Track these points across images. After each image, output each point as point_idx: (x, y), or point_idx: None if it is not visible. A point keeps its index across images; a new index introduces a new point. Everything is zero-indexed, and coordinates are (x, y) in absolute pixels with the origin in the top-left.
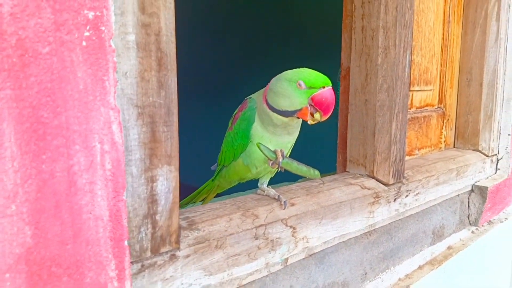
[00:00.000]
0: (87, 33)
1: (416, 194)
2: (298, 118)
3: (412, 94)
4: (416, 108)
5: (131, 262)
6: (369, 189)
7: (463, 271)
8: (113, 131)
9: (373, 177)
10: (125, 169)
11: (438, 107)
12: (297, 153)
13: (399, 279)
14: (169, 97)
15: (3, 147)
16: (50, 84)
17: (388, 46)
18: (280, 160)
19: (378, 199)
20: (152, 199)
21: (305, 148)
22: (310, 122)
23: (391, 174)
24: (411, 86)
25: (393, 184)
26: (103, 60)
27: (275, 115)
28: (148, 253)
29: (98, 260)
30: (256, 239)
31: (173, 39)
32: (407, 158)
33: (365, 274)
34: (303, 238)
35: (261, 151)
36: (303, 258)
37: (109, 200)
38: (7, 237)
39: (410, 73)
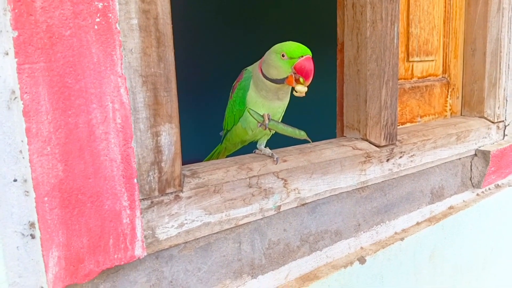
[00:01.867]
0: (98, 19)
1: (411, 155)
2: (288, 84)
3: (412, 65)
4: (418, 78)
5: (143, 199)
6: (360, 149)
7: (463, 229)
8: (121, 93)
9: (366, 140)
10: (131, 123)
11: (442, 77)
12: (306, 121)
13: (395, 233)
14: (167, 68)
15: (40, 104)
16: (72, 58)
17: (375, 20)
18: (267, 122)
19: (369, 158)
20: (158, 150)
21: (313, 115)
22: (295, 93)
23: (382, 136)
24: (410, 57)
25: (385, 146)
26: (111, 39)
27: (269, 82)
28: (156, 193)
29: (114, 192)
30: (250, 187)
31: (169, 21)
32: (408, 124)
33: (359, 225)
34: (294, 189)
35: (251, 115)
36: (296, 207)
37: (120, 146)
38: (45, 170)
39: (408, 44)
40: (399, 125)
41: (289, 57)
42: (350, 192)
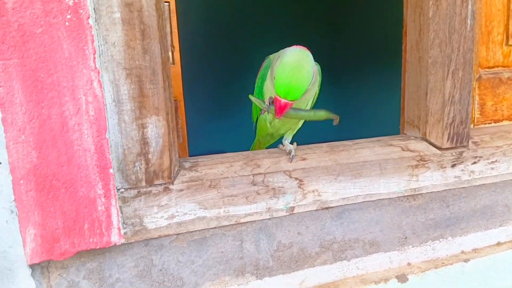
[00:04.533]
0: (68, 16)
1: (492, 162)
2: None
3: (511, 49)
4: None
5: (129, 188)
6: (412, 151)
7: None
8: (94, 86)
9: (426, 140)
10: (106, 115)
11: None
12: (364, 116)
13: (462, 252)
14: (154, 60)
15: (14, 96)
16: (43, 54)
17: None
18: (267, 105)
19: (424, 162)
20: (144, 142)
21: (375, 110)
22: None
23: (445, 137)
24: (510, 40)
25: (450, 148)
26: (83, 34)
27: None
28: (143, 183)
29: (88, 180)
30: (254, 185)
31: (155, 13)
32: (505, 122)
33: (405, 238)
34: (313, 191)
35: (253, 101)
36: (315, 210)
37: (94, 137)
38: (20, 156)
39: (509, 23)
40: (489, 123)
41: (274, 84)
42: (394, 200)
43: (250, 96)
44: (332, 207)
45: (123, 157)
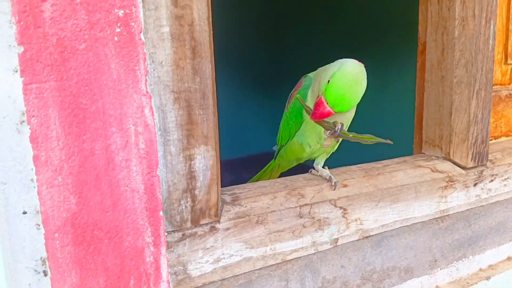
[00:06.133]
0: (118, 29)
1: (505, 179)
2: None
3: (511, 68)
4: None
5: (173, 231)
6: (441, 172)
7: None
8: (146, 114)
9: (449, 160)
10: (157, 148)
11: None
12: (378, 132)
13: (480, 269)
14: (204, 82)
15: (49, 128)
16: (87, 76)
17: (466, 17)
18: (338, 128)
19: (452, 183)
20: (191, 176)
21: (383, 128)
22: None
23: (469, 156)
24: (509, 59)
25: (473, 167)
26: (134, 52)
27: None
28: (189, 224)
29: (136, 227)
30: (301, 217)
31: (207, 28)
32: (503, 139)
33: (435, 261)
34: (356, 220)
35: (320, 125)
36: (357, 240)
37: (144, 175)
38: (55, 203)
39: (508, 43)
40: (491, 140)
41: (326, 89)
42: (426, 223)
43: (302, 102)
44: (372, 235)
45: (167, 195)
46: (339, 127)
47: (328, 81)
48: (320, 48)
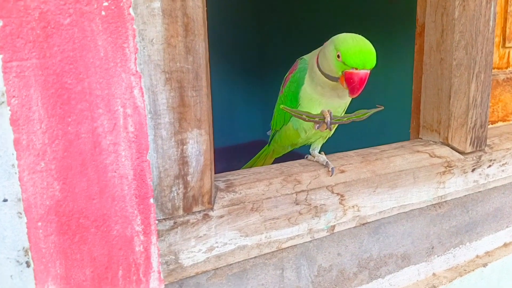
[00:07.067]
0: (105, 3)
1: (503, 164)
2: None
3: (509, 52)
4: None
5: (164, 219)
6: (439, 157)
7: None
8: (135, 95)
9: (447, 145)
10: (148, 131)
11: None
12: (374, 118)
13: (477, 256)
14: (197, 62)
15: (31, 110)
16: (72, 53)
17: None
18: (329, 120)
19: (450, 168)
20: (183, 161)
21: (379, 113)
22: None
23: (468, 141)
24: (507, 42)
25: (471, 152)
26: (123, 28)
27: (322, 77)
28: (181, 212)
29: (124, 215)
30: (297, 204)
31: (200, 4)
32: (500, 124)
33: (432, 248)
34: (353, 207)
35: (294, 115)
36: (354, 227)
37: (133, 160)
38: (38, 190)
39: (505, 26)
40: (488, 125)
41: (343, 61)
42: (424, 209)
43: (289, 110)
44: (369, 222)
45: (158, 181)
46: (328, 119)
47: (338, 55)
48: (313, 31)
